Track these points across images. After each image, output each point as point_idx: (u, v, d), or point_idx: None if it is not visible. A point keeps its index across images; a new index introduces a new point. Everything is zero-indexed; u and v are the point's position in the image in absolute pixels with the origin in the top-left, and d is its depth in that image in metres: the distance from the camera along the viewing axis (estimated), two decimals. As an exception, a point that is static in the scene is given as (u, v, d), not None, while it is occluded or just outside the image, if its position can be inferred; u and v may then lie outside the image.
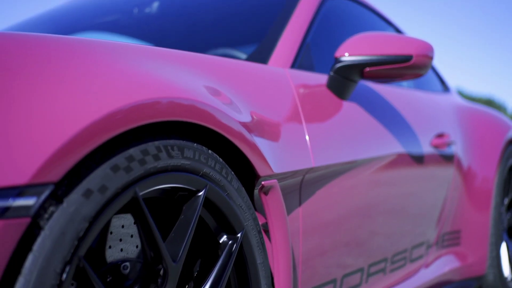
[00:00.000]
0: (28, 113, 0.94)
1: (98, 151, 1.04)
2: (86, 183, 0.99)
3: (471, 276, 2.77)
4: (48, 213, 0.95)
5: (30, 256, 0.92)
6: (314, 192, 1.63)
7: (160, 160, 1.12)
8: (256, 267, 1.36)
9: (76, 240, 0.96)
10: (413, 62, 1.84)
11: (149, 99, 1.08)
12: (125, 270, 1.17)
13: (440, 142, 2.50)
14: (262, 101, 1.54)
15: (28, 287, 0.90)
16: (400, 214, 2.16)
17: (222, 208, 1.27)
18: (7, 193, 0.88)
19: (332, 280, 1.77)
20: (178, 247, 1.17)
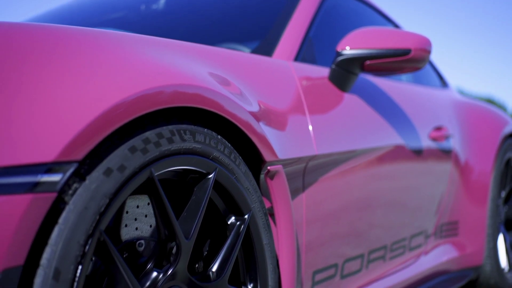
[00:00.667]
0: (55, 97, 1.01)
1: (117, 133, 1.11)
2: (106, 162, 1.07)
3: (468, 266, 2.84)
4: (72, 189, 1.02)
5: (56, 228, 0.99)
6: (317, 179, 1.71)
7: (173, 143, 1.19)
8: (263, 247, 1.43)
9: (98, 214, 1.04)
10: (411, 56, 1.91)
11: (165, 86, 1.15)
12: (140, 248, 1.25)
13: (438, 135, 2.57)
14: (268, 92, 1.61)
15: (54, 257, 0.98)
16: (399, 204, 2.24)
17: (230, 190, 1.35)
18: (37, 169, 0.95)
19: (334, 265, 1.85)
20: (190, 225, 1.24)
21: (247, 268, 1.43)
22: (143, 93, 1.10)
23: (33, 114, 0.98)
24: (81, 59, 1.10)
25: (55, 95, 1.02)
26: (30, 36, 1.09)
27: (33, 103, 0.99)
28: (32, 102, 0.99)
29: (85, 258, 1.02)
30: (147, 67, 1.17)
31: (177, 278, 1.24)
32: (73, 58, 1.09)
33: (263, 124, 1.48)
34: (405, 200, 2.29)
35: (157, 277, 1.21)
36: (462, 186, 2.83)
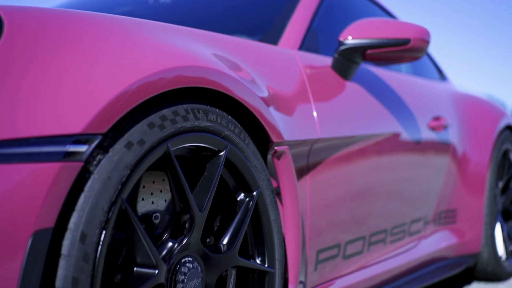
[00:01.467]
0: (83, 76, 1.10)
1: (137, 110, 1.19)
2: (127, 136, 1.15)
3: (466, 253, 2.93)
4: (96, 160, 1.10)
5: (82, 195, 1.07)
6: (321, 161, 1.79)
7: (188, 121, 1.28)
8: (270, 223, 1.52)
9: (120, 184, 1.12)
10: (410, 45, 2.00)
11: (181, 67, 1.24)
12: (156, 220, 1.33)
13: (437, 124, 2.65)
14: (275, 78, 1.70)
15: (81, 221, 1.06)
16: (399, 189, 2.32)
17: (240, 168, 1.43)
18: (66, 140, 1.03)
19: (337, 245, 1.93)
20: (203, 199, 1.32)
21: (256, 242, 1.51)
22: (162, 74, 1.19)
23: (64, 90, 1.07)
24: (108, 44, 1.18)
25: (83, 74, 1.10)
26: (64, 21, 1.18)
27: (64, 81, 1.08)
28: (62, 79, 1.08)
29: (108, 224, 1.10)
30: (166, 50, 1.26)
31: (190, 249, 1.32)
32: (102, 43, 1.17)
33: (271, 108, 1.57)
34: (405, 186, 2.37)
35: (172, 246, 1.29)
36: (460, 175, 2.91)
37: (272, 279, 1.51)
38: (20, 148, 1.00)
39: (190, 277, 1.31)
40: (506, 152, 3.30)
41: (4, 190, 0.97)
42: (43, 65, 1.08)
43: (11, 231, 0.97)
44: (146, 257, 1.20)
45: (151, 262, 1.20)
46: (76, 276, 1.04)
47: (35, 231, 0.99)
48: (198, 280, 1.33)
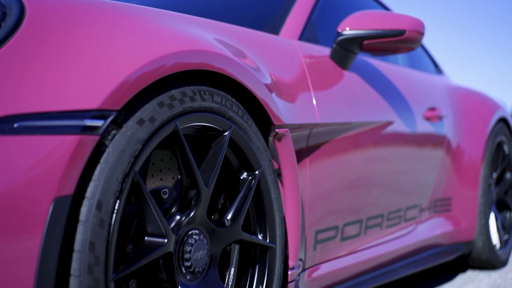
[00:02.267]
0: (99, 57, 1.19)
1: (148, 90, 1.28)
2: (139, 113, 1.24)
3: (460, 240, 3.01)
4: (111, 135, 1.19)
5: (98, 167, 1.16)
6: (320, 146, 1.88)
7: (195, 101, 1.36)
8: (271, 201, 1.60)
9: (132, 157, 1.21)
10: (406, 36, 2.09)
11: (189, 51, 1.33)
12: (164, 196, 1.42)
13: (432, 115, 2.74)
14: (276, 65, 1.79)
15: (97, 190, 1.15)
16: (395, 177, 2.41)
17: (243, 148, 1.52)
18: (84, 115, 1.12)
19: (335, 227, 2.02)
20: (209, 175, 1.41)
21: (258, 219, 1.60)
22: (173, 55, 1.28)
23: (82, 70, 1.16)
24: (122, 29, 1.27)
25: (99, 55, 1.19)
26: (82, 6, 1.27)
27: (82, 62, 1.17)
28: (81, 60, 1.17)
29: (122, 194, 1.19)
30: (175, 35, 1.35)
31: (197, 222, 1.41)
32: (117, 27, 1.27)
33: (273, 94, 1.66)
34: (400, 174, 2.46)
35: (180, 219, 1.38)
36: (454, 165, 3.00)
37: (273, 254, 1.60)
38: (43, 121, 1.09)
39: (197, 248, 1.40)
40: (500, 143, 3.39)
41: (29, 159, 1.06)
42: (63, 47, 1.17)
43: (34, 197, 1.06)
44: (156, 227, 1.28)
45: (161, 231, 1.29)
46: (93, 240, 1.13)
47: (56, 197, 1.08)
48: (204, 252, 1.42)
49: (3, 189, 1.04)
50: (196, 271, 1.41)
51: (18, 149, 1.06)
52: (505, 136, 3.43)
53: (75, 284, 1.12)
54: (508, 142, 3.48)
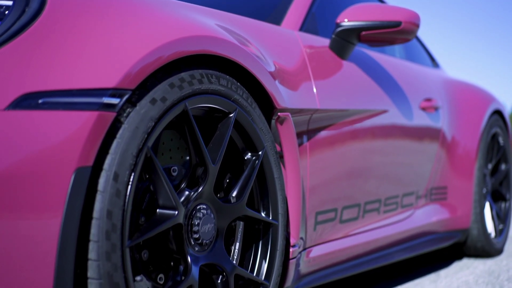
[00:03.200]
0: (115, 40, 1.28)
1: (159, 71, 1.38)
2: (152, 93, 1.33)
3: (456, 228, 3.11)
4: (126, 113, 1.29)
5: (115, 141, 1.26)
6: (319, 130, 1.98)
7: (203, 84, 1.46)
8: (274, 180, 1.70)
9: (146, 134, 1.30)
10: (402, 28, 2.19)
11: (199, 36, 1.43)
12: (174, 173, 1.51)
13: (428, 105, 2.84)
14: (279, 54, 1.88)
15: (114, 163, 1.24)
16: (391, 163, 2.51)
17: (247, 129, 1.62)
18: (102, 93, 1.22)
19: (334, 209, 2.12)
20: (216, 154, 1.51)
21: (261, 197, 1.69)
22: (183, 40, 1.38)
23: (100, 51, 1.25)
24: (136, 16, 1.37)
25: (115, 39, 1.29)
26: None
27: (100, 44, 1.26)
28: (99, 43, 1.26)
29: (136, 167, 1.28)
30: (186, 22, 1.46)
31: (204, 197, 1.51)
32: (130, 14, 1.36)
33: (276, 81, 1.75)
34: (397, 161, 2.55)
35: (189, 194, 1.48)
36: (450, 155, 3.10)
37: (276, 231, 1.70)
38: (65, 98, 1.18)
39: (204, 221, 1.49)
40: (495, 135, 3.49)
41: (53, 132, 1.16)
42: (82, 30, 1.27)
43: (58, 167, 1.16)
44: (167, 199, 1.38)
45: (172, 204, 1.38)
46: (110, 209, 1.23)
47: (77, 168, 1.17)
48: (211, 225, 1.51)
49: (30, 160, 1.14)
50: (204, 243, 1.50)
51: (43, 123, 1.16)
52: (499, 128, 3.52)
53: (94, 249, 1.21)
54: (503, 134, 3.58)
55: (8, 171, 1.13)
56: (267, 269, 1.68)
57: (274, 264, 1.69)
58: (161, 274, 1.47)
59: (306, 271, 1.98)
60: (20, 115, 1.15)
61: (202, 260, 1.50)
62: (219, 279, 1.56)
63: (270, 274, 1.68)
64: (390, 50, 2.97)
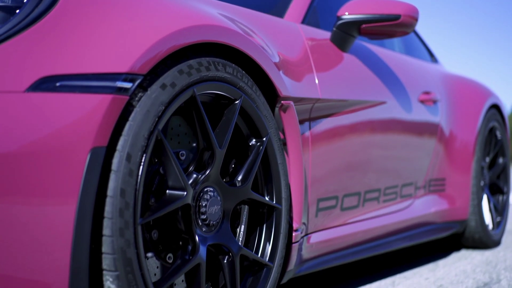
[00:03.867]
0: (127, 28, 1.35)
1: (169, 58, 1.44)
2: (162, 79, 1.40)
3: (454, 219, 3.18)
4: (138, 97, 1.35)
5: (127, 124, 1.32)
6: (321, 119, 2.05)
7: (210, 71, 1.53)
8: (277, 166, 1.77)
9: (156, 117, 1.37)
10: (401, 21, 2.25)
11: (206, 25, 1.50)
12: (182, 157, 1.58)
13: (427, 98, 2.91)
14: (282, 45, 1.95)
15: (127, 144, 1.31)
16: (391, 154, 2.57)
17: (252, 116, 1.68)
18: (116, 77, 1.28)
19: (335, 197, 2.18)
20: (222, 138, 1.58)
21: (265, 182, 1.76)
22: (192, 28, 1.44)
23: (114, 38, 1.32)
24: (148, 4, 1.43)
25: (128, 27, 1.35)
26: None
27: (113, 31, 1.33)
28: (112, 30, 1.33)
29: (148, 148, 1.35)
30: (194, 12, 1.52)
31: (211, 180, 1.57)
32: (143, 3, 1.43)
33: (281, 72, 1.82)
34: (396, 151, 2.62)
35: (197, 177, 1.55)
36: (448, 147, 3.16)
37: (279, 214, 1.76)
38: (81, 82, 1.25)
39: (211, 203, 1.56)
40: (493, 129, 3.55)
41: (70, 113, 1.22)
42: (96, 18, 1.33)
43: (74, 146, 1.22)
44: (176, 180, 1.45)
45: (181, 185, 1.45)
46: (123, 187, 1.29)
47: (93, 147, 1.24)
48: (217, 207, 1.58)
49: (48, 139, 1.20)
50: (211, 224, 1.57)
51: (61, 104, 1.23)
52: (497, 122, 3.59)
53: (108, 226, 1.28)
54: (500, 128, 3.64)
55: (27, 150, 1.19)
56: (271, 251, 1.75)
57: (278, 247, 1.76)
58: (170, 254, 1.53)
59: (308, 257, 2.04)
60: (39, 97, 1.21)
61: (209, 240, 1.57)
62: (225, 259, 1.62)
63: (274, 256, 1.75)
64: (390, 45, 3.04)
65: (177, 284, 1.59)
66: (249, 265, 1.72)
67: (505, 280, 2.60)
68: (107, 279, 1.29)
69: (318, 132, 2.03)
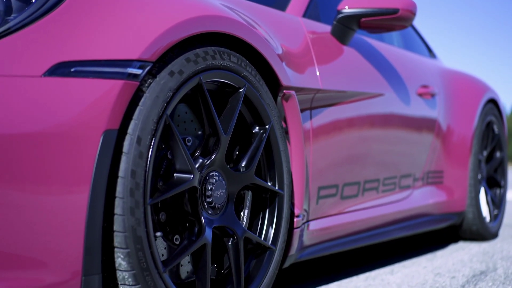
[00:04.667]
0: (137, 17, 1.42)
1: (176, 47, 1.51)
2: (170, 66, 1.46)
3: (452, 211, 3.24)
4: (147, 83, 1.42)
5: (137, 108, 1.39)
6: (322, 110, 2.11)
7: (215, 60, 1.59)
8: (279, 152, 1.83)
9: (165, 102, 1.44)
10: (399, 15, 2.32)
11: (212, 16, 1.56)
12: (188, 143, 1.64)
13: (425, 91, 2.98)
14: (284, 37, 2.02)
15: (137, 128, 1.37)
16: (390, 145, 2.64)
17: (255, 104, 1.75)
18: (128, 64, 1.35)
19: (335, 185, 2.25)
20: (227, 125, 1.64)
21: (268, 168, 1.82)
22: (198, 19, 1.51)
23: (125, 27, 1.38)
24: None
25: (138, 16, 1.42)
26: None
27: (124, 21, 1.40)
28: (124, 20, 1.40)
29: (157, 132, 1.41)
30: (203, 3, 1.59)
31: (216, 165, 1.64)
32: None
33: (284, 63, 1.88)
34: (395, 143, 2.69)
35: (203, 162, 1.61)
36: (446, 141, 3.23)
37: (281, 200, 1.83)
38: (94, 67, 1.31)
39: (217, 187, 1.62)
40: (490, 123, 3.62)
41: (84, 97, 1.29)
42: (108, 8, 1.40)
43: (88, 128, 1.29)
44: (183, 164, 1.51)
45: (188, 168, 1.52)
46: (134, 169, 1.36)
47: (105, 130, 1.30)
48: (223, 191, 1.65)
49: (63, 121, 1.27)
50: (217, 207, 1.63)
51: (75, 89, 1.29)
52: (494, 116, 3.65)
53: (120, 205, 1.34)
54: (498, 123, 3.71)
55: (43, 130, 1.25)
56: (274, 235, 1.81)
57: (280, 231, 1.82)
58: (177, 235, 1.60)
59: (309, 243, 2.11)
60: (55, 81, 1.28)
61: (214, 223, 1.63)
62: (230, 242, 1.68)
63: (277, 239, 1.81)
64: (389, 39, 3.11)
65: (183, 265, 1.66)
66: (253, 248, 1.78)
67: (502, 269, 2.67)
68: (118, 256, 1.36)
69: (319, 121, 2.09)
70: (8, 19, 1.31)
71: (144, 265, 1.38)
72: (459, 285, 2.34)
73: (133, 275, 1.37)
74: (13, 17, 1.31)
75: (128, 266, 1.36)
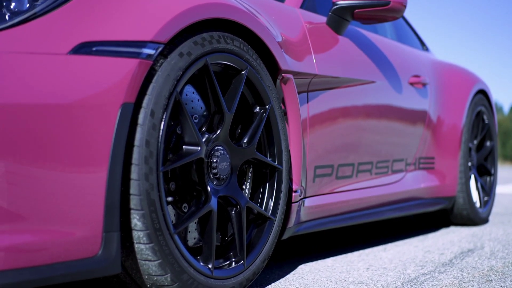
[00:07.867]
0: (151, 3, 1.57)
1: (184, 31, 1.66)
2: (179, 48, 1.62)
3: (443, 195, 3.40)
4: (159, 63, 1.57)
5: (150, 85, 1.54)
6: (318, 93, 2.27)
7: (220, 44, 1.75)
8: (278, 131, 1.99)
9: (175, 80, 1.59)
10: (390, 6, 2.48)
11: (217, 3, 1.72)
12: (195, 120, 1.80)
13: (417, 81, 3.14)
14: (283, 27, 2.17)
15: (150, 102, 1.53)
16: (383, 130, 2.80)
17: (256, 85, 1.90)
18: (142, 44, 1.50)
19: (331, 165, 2.40)
20: (231, 103, 1.80)
21: (268, 145, 1.98)
22: (208, 4, 1.66)
23: (140, 11, 1.54)
24: None
25: (152, 3, 1.58)
26: None
27: (140, 5, 1.55)
28: (139, 5, 1.55)
29: (168, 107, 1.57)
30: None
31: (220, 140, 1.80)
32: None
33: (282, 51, 2.04)
34: (388, 129, 2.84)
35: (209, 137, 1.77)
36: (437, 128, 3.39)
37: (280, 175, 1.99)
38: (114, 47, 1.47)
39: (221, 160, 1.78)
40: (480, 113, 3.78)
41: (104, 74, 1.44)
42: None
43: (108, 101, 1.44)
44: (192, 137, 1.67)
45: (195, 140, 1.67)
46: (148, 139, 1.52)
47: (123, 103, 1.46)
48: (227, 163, 1.80)
49: (86, 94, 1.42)
50: (221, 178, 1.79)
51: (96, 66, 1.44)
52: (484, 106, 3.81)
53: (135, 171, 1.50)
54: (487, 113, 3.87)
55: (68, 103, 1.41)
56: (273, 206, 1.97)
57: (279, 203, 1.98)
58: (185, 204, 1.76)
59: (306, 219, 2.26)
60: (78, 59, 1.43)
61: (220, 192, 1.79)
62: (233, 211, 1.84)
63: (276, 211, 1.97)
64: (383, 32, 3.27)
65: (191, 232, 1.82)
66: (254, 218, 1.94)
67: (488, 247, 2.83)
68: (134, 217, 1.51)
69: (315, 103, 2.25)
70: (35, 4, 1.46)
71: (157, 226, 1.53)
72: (447, 259, 2.49)
73: (147, 235, 1.52)
74: (40, 2, 1.47)
75: (143, 226, 1.51)
